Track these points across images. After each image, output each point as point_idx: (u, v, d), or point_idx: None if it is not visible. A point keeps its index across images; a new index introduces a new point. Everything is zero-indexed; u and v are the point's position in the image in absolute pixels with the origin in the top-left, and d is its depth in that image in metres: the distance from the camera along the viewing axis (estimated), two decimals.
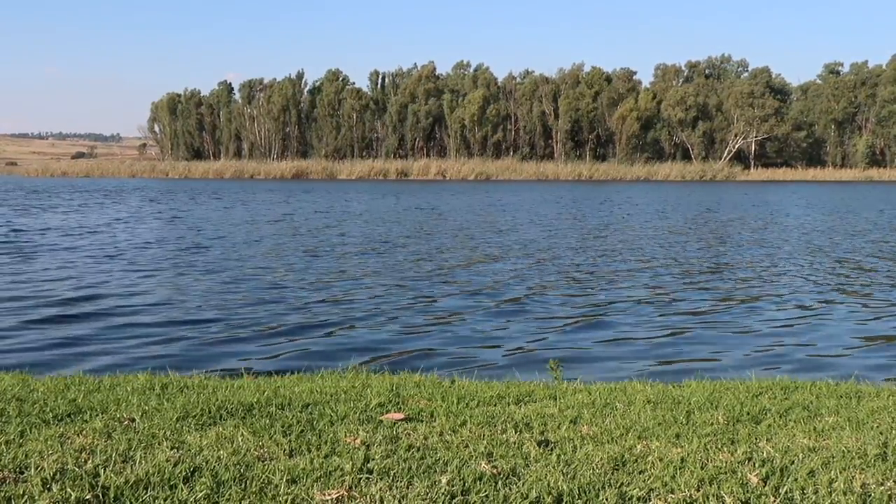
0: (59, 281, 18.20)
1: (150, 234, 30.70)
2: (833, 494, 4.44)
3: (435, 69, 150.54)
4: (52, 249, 24.48)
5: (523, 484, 4.49)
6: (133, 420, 5.73)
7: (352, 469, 4.63)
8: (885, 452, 5.24)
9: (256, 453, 4.92)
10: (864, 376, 10.09)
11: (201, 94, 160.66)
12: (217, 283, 18.40)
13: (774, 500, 4.35)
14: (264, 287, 17.85)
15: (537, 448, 5.21)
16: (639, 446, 5.31)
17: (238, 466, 4.64)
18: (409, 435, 5.49)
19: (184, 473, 4.49)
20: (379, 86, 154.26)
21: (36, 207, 46.94)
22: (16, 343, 12.24)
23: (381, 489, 4.36)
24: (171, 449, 4.95)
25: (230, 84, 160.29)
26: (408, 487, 4.41)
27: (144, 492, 4.22)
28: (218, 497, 4.23)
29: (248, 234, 31.07)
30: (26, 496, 4.12)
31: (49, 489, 4.22)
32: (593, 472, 4.72)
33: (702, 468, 4.82)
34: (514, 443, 5.35)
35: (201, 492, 4.26)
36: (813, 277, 20.62)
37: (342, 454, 4.94)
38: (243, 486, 4.37)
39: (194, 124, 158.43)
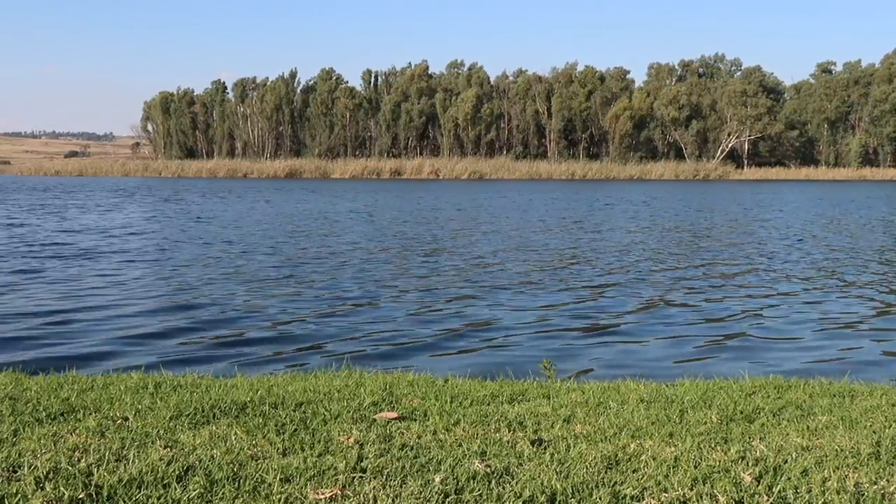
0: (145, 285, 17.96)
1: (184, 234, 30.69)
2: (826, 493, 4.44)
3: (428, 68, 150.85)
4: (102, 253, 24.02)
5: (517, 483, 4.49)
6: (126, 419, 5.72)
7: (345, 468, 4.63)
8: (878, 451, 5.25)
9: (250, 452, 4.92)
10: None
11: (194, 93, 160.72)
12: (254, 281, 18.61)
13: (768, 499, 4.36)
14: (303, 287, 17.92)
15: (531, 447, 5.21)
16: (632, 445, 5.31)
17: (231, 465, 4.64)
18: (403, 434, 5.48)
19: (177, 472, 4.48)
20: (372, 85, 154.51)
21: (53, 207, 46.86)
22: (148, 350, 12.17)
23: (374, 488, 4.36)
24: (165, 448, 4.95)
25: (223, 83, 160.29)
26: (401, 486, 4.41)
27: (138, 491, 4.22)
28: (211, 496, 4.23)
29: (292, 232, 31.15)
30: (19, 495, 4.12)
31: (42, 488, 4.21)
32: (587, 471, 4.72)
33: (695, 467, 4.82)
34: (508, 442, 5.35)
35: (195, 491, 4.25)
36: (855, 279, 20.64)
37: (336, 453, 4.94)
38: (237, 484, 4.37)
39: (188, 123, 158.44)
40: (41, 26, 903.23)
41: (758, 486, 4.54)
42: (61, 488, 4.20)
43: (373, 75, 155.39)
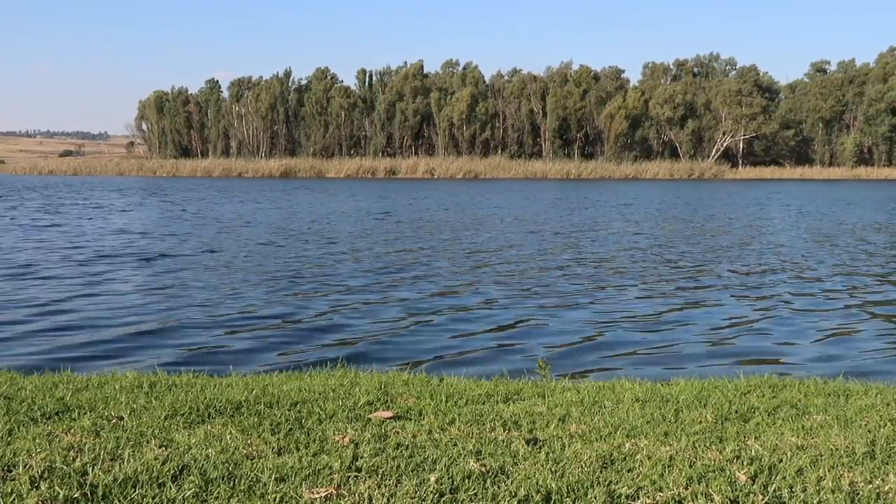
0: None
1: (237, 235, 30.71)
2: (821, 493, 4.45)
3: (423, 67, 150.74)
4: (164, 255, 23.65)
5: (512, 482, 4.49)
6: (121, 418, 5.72)
7: (340, 467, 4.63)
8: (873, 451, 5.26)
9: (245, 451, 4.91)
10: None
11: (189, 92, 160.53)
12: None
13: (763, 499, 4.36)
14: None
15: (526, 446, 5.21)
16: (627, 444, 5.31)
17: (226, 465, 4.63)
18: (398, 433, 5.48)
19: (172, 472, 4.48)
20: (367, 84, 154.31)
21: (74, 206, 46.86)
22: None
23: (369, 487, 4.36)
24: (160, 447, 4.94)
25: (217, 82, 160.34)
26: (396, 486, 4.41)
27: (133, 490, 4.21)
28: (206, 495, 4.23)
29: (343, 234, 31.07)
30: (14, 494, 4.11)
31: (37, 487, 4.20)
32: (582, 470, 4.72)
33: (690, 466, 4.82)
34: (503, 441, 5.35)
35: (189, 490, 4.25)
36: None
37: (331, 452, 4.94)
38: (232, 484, 4.36)
39: (182, 122, 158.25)
40: (37, 25, 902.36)
41: (753, 485, 4.54)
42: (56, 487, 4.19)
43: (367, 74, 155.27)
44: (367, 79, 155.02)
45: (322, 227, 33.69)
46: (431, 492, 4.32)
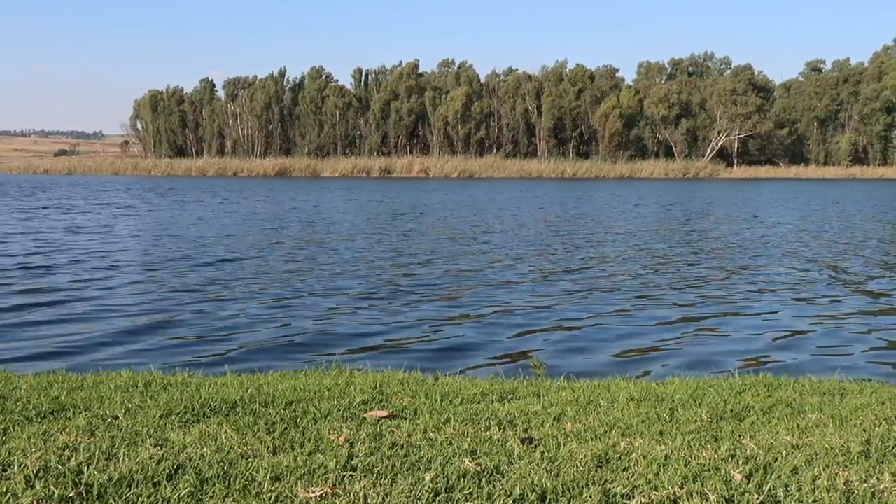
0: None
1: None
2: (816, 492, 4.45)
3: (418, 66, 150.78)
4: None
5: (507, 481, 4.49)
6: (116, 417, 5.71)
7: (335, 466, 4.63)
8: (868, 450, 5.26)
9: (240, 451, 4.91)
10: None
11: (184, 92, 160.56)
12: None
13: (758, 498, 4.36)
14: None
15: (521, 445, 5.21)
16: (622, 444, 5.31)
17: (222, 464, 4.63)
18: (393, 432, 5.48)
19: (167, 471, 4.47)
20: (362, 83, 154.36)
21: (100, 206, 46.75)
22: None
23: (364, 486, 4.36)
24: (155, 446, 4.93)
25: (212, 81, 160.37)
26: (392, 485, 4.41)
27: (128, 489, 4.21)
28: (202, 494, 4.22)
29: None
30: (9, 494, 4.10)
31: (32, 487, 4.20)
32: (577, 469, 4.72)
33: (685, 465, 4.82)
34: (498, 440, 5.35)
35: (185, 489, 4.24)
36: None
37: (326, 451, 4.93)
38: (227, 483, 4.36)
39: (177, 121, 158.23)
40: (37, 25, 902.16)
41: (748, 484, 4.54)
42: (51, 487, 4.18)
43: (363, 74, 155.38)
44: (363, 78, 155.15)
45: (358, 230, 33.54)
46: (427, 491, 4.32)
